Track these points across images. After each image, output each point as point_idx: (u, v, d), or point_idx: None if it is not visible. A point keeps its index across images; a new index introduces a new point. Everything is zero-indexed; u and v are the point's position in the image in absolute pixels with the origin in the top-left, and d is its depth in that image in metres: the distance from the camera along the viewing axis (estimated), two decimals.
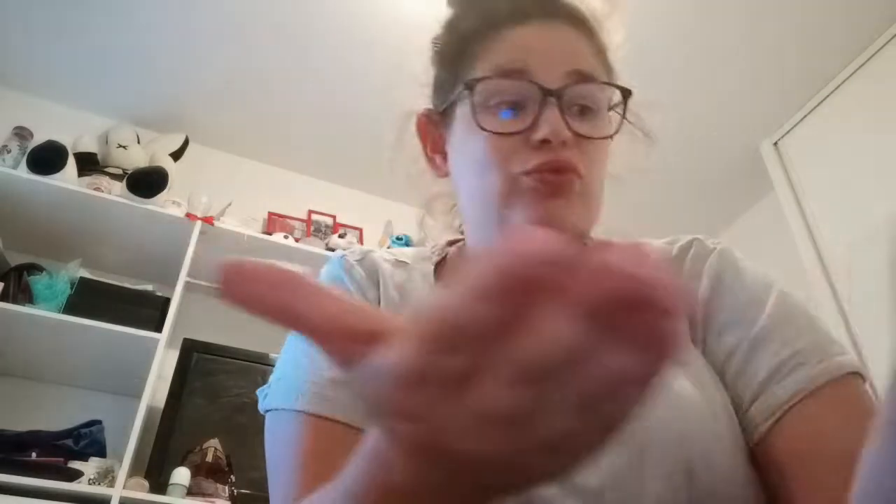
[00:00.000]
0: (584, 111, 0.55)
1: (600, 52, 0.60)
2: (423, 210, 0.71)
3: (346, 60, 2.35)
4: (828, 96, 2.29)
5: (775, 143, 2.47)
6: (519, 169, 0.53)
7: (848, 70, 2.22)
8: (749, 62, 2.27)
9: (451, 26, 0.63)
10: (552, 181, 0.52)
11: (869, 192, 2.07)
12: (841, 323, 2.05)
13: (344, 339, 0.23)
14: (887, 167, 2.03)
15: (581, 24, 0.59)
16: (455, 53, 0.60)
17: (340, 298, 0.24)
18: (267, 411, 0.54)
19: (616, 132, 0.57)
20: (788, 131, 2.43)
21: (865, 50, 2.17)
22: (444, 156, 0.62)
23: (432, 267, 0.62)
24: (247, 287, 0.23)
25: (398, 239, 2.54)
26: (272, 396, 0.54)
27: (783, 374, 0.48)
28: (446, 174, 0.62)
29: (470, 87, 0.55)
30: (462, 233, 0.67)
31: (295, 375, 0.53)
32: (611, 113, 0.59)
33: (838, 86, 2.26)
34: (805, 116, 2.37)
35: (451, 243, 0.67)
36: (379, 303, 0.58)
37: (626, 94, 0.58)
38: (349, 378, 0.24)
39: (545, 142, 0.52)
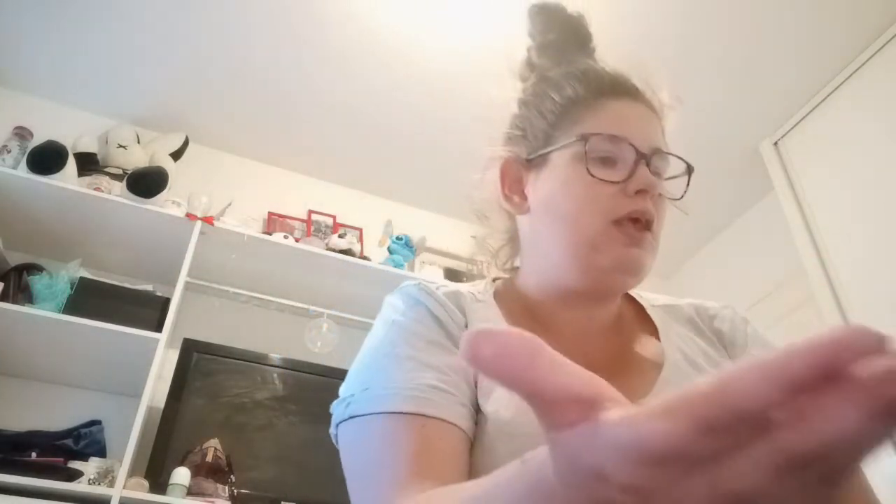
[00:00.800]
0: (660, 178, 0.67)
1: (664, 133, 0.72)
2: (479, 241, 0.80)
3: (347, 60, 2.35)
4: (828, 96, 2.29)
5: (775, 143, 2.48)
6: (612, 215, 0.63)
7: (848, 70, 2.22)
8: (749, 62, 2.27)
9: (550, 85, 0.72)
10: (636, 236, 0.63)
11: (869, 192, 2.07)
12: (842, 322, 2.05)
13: (568, 403, 0.24)
14: (887, 167, 2.03)
15: (655, 109, 0.72)
16: (559, 112, 0.70)
17: (567, 366, 0.25)
18: (351, 418, 0.56)
19: (682, 197, 0.69)
20: (788, 131, 2.43)
21: (865, 50, 2.17)
22: (523, 196, 0.71)
23: (494, 303, 0.70)
24: (494, 359, 0.24)
25: (398, 239, 2.54)
26: (359, 404, 0.56)
27: None
28: (525, 212, 0.71)
29: (585, 138, 0.65)
30: (505, 271, 0.77)
31: (383, 385, 0.56)
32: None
33: (838, 86, 2.26)
34: (805, 116, 2.37)
35: (496, 279, 0.75)
36: (465, 326, 0.64)
37: (691, 169, 0.72)
38: (559, 439, 0.24)
39: (640, 192, 0.63)
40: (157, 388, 1.93)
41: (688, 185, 0.71)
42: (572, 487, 0.24)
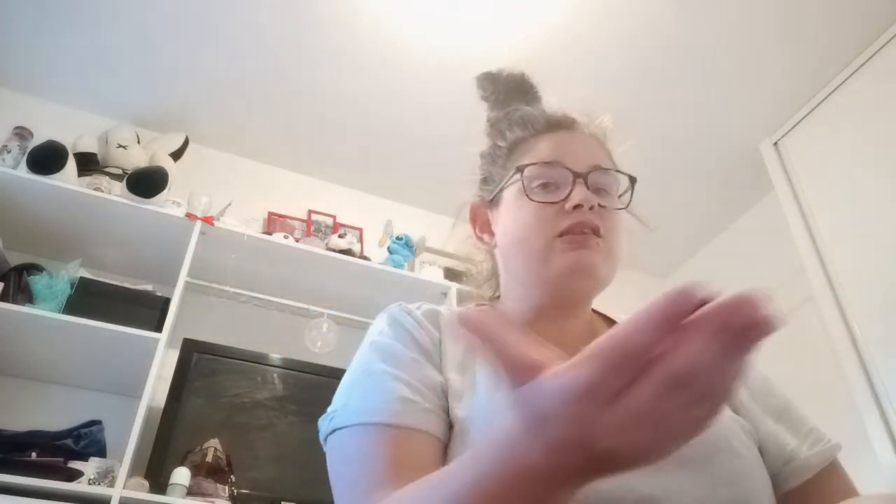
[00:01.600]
0: (601, 192, 0.72)
1: (609, 154, 0.78)
2: (466, 278, 0.93)
3: (346, 60, 2.35)
4: (828, 96, 2.29)
5: (775, 143, 2.48)
6: (554, 232, 0.69)
7: (848, 70, 2.22)
8: (749, 62, 2.27)
9: (497, 135, 0.82)
10: (578, 239, 0.69)
11: (869, 192, 2.07)
12: (842, 322, 2.05)
13: (523, 367, 0.34)
14: (887, 167, 2.03)
15: (596, 135, 0.79)
16: (504, 155, 0.79)
17: (527, 341, 0.35)
18: (334, 431, 0.61)
19: (627, 206, 0.75)
20: (788, 131, 2.43)
21: (865, 50, 2.17)
22: (491, 234, 0.80)
23: None
24: (482, 327, 0.36)
25: (398, 239, 2.53)
26: (339, 419, 0.61)
27: (813, 443, 0.67)
28: (494, 246, 0.80)
29: (520, 170, 0.74)
30: (488, 299, 0.85)
31: (364, 400, 0.61)
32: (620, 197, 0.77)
33: (838, 86, 2.26)
34: (805, 116, 2.37)
35: (478, 305, 0.83)
36: (440, 342, 0.69)
37: (633, 180, 0.76)
38: (519, 394, 0.34)
39: (577, 207, 0.69)
40: (157, 388, 1.92)
41: (631, 195, 0.76)
42: (530, 432, 0.34)
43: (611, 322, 0.79)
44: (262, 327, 2.35)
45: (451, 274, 2.53)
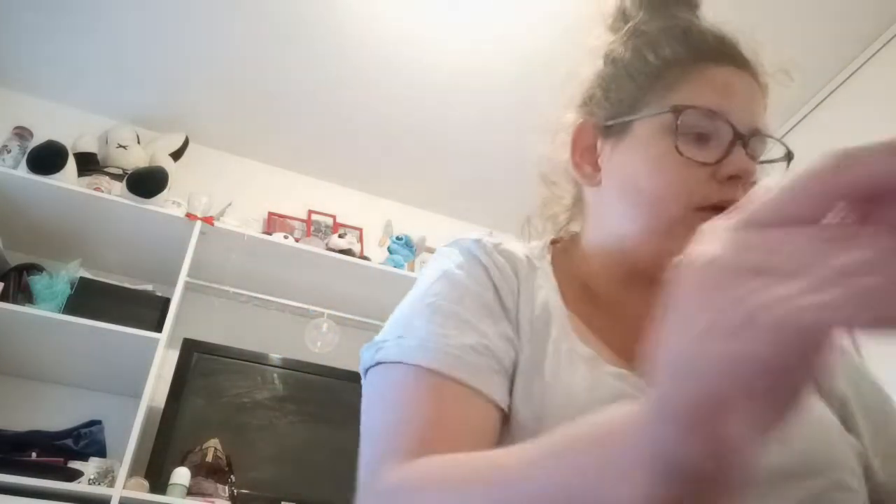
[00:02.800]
0: (758, 163, 0.59)
1: (766, 109, 0.63)
2: (536, 211, 0.72)
3: (347, 60, 2.35)
4: (828, 96, 2.29)
5: None
6: (697, 202, 0.55)
7: (848, 70, 2.22)
8: None
9: (647, 43, 0.63)
10: None
11: None
12: None
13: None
14: None
15: (761, 84, 0.64)
16: (652, 74, 0.61)
17: None
18: (378, 364, 0.51)
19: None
20: (788, 131, 2.43)
21: (865, 50, 2.17)
22: (596, 168, 0.63)
23: (550, 272, 0.62)
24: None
25: (398, 239, 2.54)
26: (388, 351, 0.51)
27: None
28: (597, 184, 0.63)
29: (678, 111, 0.57)
30: (565, 234, 0.69)
31: (419, 336, 0.51)
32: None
33: (838, 86, 2.26)
34: (805, 116, 2.37)
35: (553, 242, 0.67)
36: (518, 293, 0.58)
37: (791, 156, 0.62)
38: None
39: (732, 178, 0.55)
40: (157, 388, 1.92)
41: (787, 169, 0.61)
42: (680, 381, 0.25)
43: None
44: (262, 327, 2.35)
45: None
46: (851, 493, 0.48)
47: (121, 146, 2.40)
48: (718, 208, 0.52)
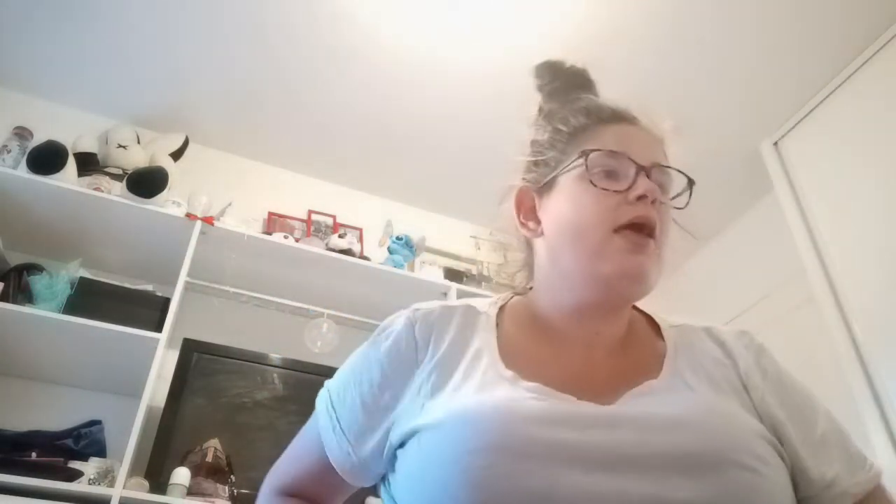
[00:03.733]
0: (663, 189, 0.72)
1: (665, 156, 0.76)
2: (499, 265, 0.91)
3: (347, 60, 2.35)
4: (828, 96, 2.29)
5: (775, 143, 2.47)
6: (615, 224, 0.67)
7: (848, 70, 2.22)
8: (749, 62, 2.27)
9: (557, 120, 0.78)
10: (637, 241, 0.67)
11: (869, 192, 2.07)
12: (842, 322, 2.05)
13: None
14: (887, 167, 2.03)
15: (655, 134, 0.77)
16: (565, 140, 0.76)
17: None
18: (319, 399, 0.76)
19: (685, 206, 0.75)
20: (788, 131, 2.43)
21: (866, 50, 2.17)
22: (537, 221, 0.76)
23: (496, 312, 0.75)
24: None
25: (398, 239, 2.53)
26: (321, 399, 0.76)
27: (853, 470, 0.66)
28: (539, 234, 0.76)
29: (585, 154, 0.71)
30: (522, 291, 0.81)
31: (337, 404, 0.73)
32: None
33: (838, 86, 2.26)
34: (805, 116, 2.37)
35: (514, 294, 0.80)
36: (441, 343, 0.70)
37: (692, 182, 0.76)
38: None
39: (640, 198, 0.67)
40: (157, 388, 1.92)
41: (689, 197, 0.75)
42: None
43: (651, 321, 0.77)
44: (262, 327, 2.35)
45: (451, 274, 2.53)
46: (753, 473, 0.56)
47: (121, 146, 2.40)
48: (632, 226, 0.66)
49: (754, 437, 0.60)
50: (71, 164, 2.11)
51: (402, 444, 0.64)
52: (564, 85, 0.84)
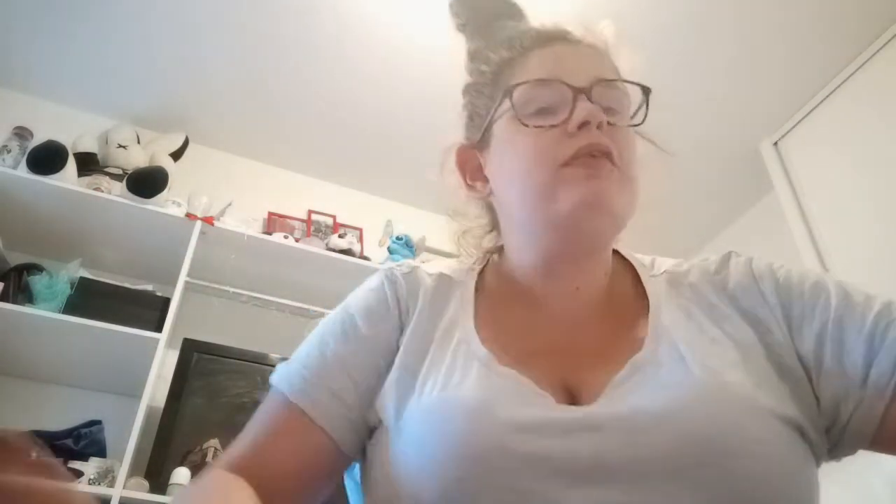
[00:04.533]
0: (610, 111, 0.61)
1: (615, 68, 0.67)
2: (459, 234, 0.78)
3: (347, 60, 2.35)
4: (828, 96, 2.29)
5: (775, 143, 2.47)
6: (561, 159, 0.58)
7: (848, 70, 2.22)
8: (749, 62, 2.27)
9: (480, 60, 0.70)
10: (590, 164, 0.58)
11: (869, 192, 2.07)
12: None
13: None
14: (887, 167, 2.03)
15: (597, 47, 0.67)
16: (489, 82, 0.67)
17: None
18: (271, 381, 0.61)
19: (643, 122, 0.63)
20: (788, 131, 2.43)
21: (866, 50, 2.17)
22: (485, 180, 0.68)
23: (474, 279, 0.67)
24: None
25: (398, 239, 2.53)
26: (279, 371, 0.62)
27: (879, 339, 0.53)
28: (489, 194, 0.68)
29: (509, 92, 0.62)
30: (490, 252, 0.73)
31: (297, 368, 0.60)
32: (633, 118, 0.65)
33: (838, 86, 2.26)
34: (805, 116, 2.37)
35: (492, 252, 0.72)
36: (414, 313, 0.63)
37: (647, 91, 0.64)
38: None
39: (583, 126, 0.58)
40: (157, 388, 1.92)
41: (646, 110, 0.64)
42: None
43: (633, 270, 0.67)
44: (262, 327, 2.35)
45: None
46: (753, 460, 0.47)
47: (121, 146, 2.40)
48: (579, 156, 0.58)
49: (759, 418, 0.49)
50: (71, 164, 2.11)
51: (370, 434, 0.58)
52: (485, 19, 0.75)
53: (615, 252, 0.68)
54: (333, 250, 2.34)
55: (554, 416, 0.51)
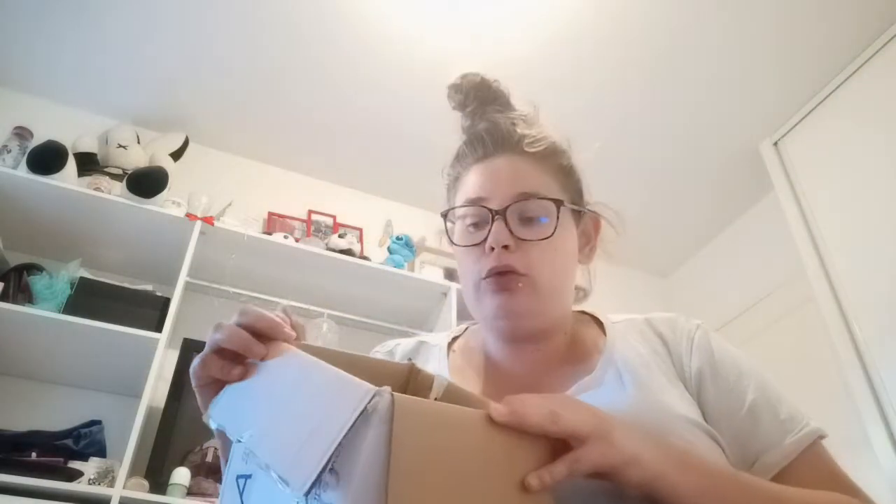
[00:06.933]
0: (529, 221, 0.71)
1: (552, 172, 0.75)
2: None
3: (347, 60, 2.35)
4: (828, 96, 2.29)
5: (775, 143, 2.48)
6: (481, 274, 0.70)
7: (848, 70, 2.22)
8: (749, 62, 2.27)
9: (450, 169, 0.82)
10: (498, 282, 0.69)
11: (869, 192, 2.07)
12: (842, 322, 2.05)
13: None
14: (887, 167, 2.03)
15: (530, 154, 0.75)
16: (451, 188, 0.81)
17: None
18: None
19: (552, 234, 0.70)
20: (788, 131, 2.43)
21: (865, 50, 2.17)
22: None
23: (446, 343, 0.80)
24: None
25: (398, 239, 2.53)
26: None
27: (777, 440, 0.64)
28: None
29: (443, 216, 0.77)
30: None
31: None
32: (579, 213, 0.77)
33: (838, 86, 2.26)
34: (805, 116, 2.37)
35: (468, 326, 0.85)
36: None
37: (558, 203, 0.72)
38: None
39: (492, 248, 0.68)
40: (157, 388, 1.92)
41: (557, 221, 0.71)
42: None
43: (598, 323, 0.77)
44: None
45: (451, 274, 2.53)
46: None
47: (121, 146, 2.40)
48: (490, 275, 0.69)
49: (683, 424, 0.61)
50: (71, 164, 2.11)
51: None
52: (472, 103, 0.84)
53: (586, 313, 0.80)
54: (333, 250, 2.34)
55: None
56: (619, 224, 0.80)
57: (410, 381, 0.59)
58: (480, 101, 0.82)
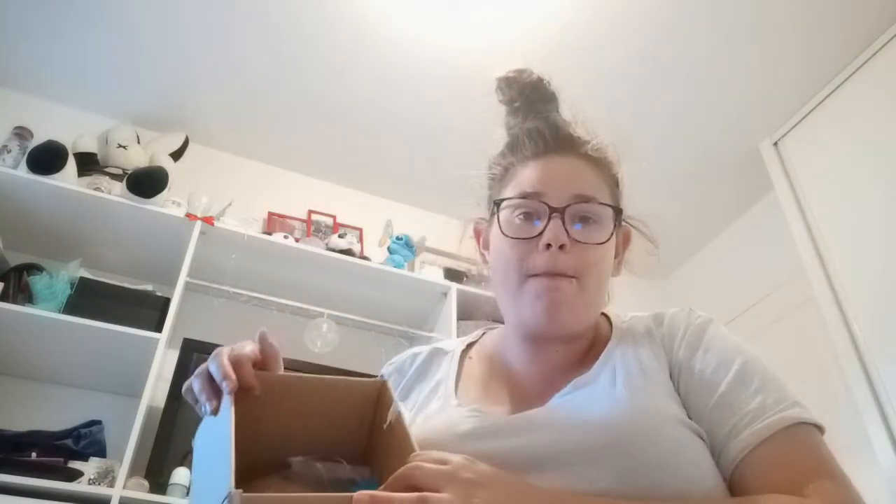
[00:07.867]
0: (586, 221, 0.71)
1: (606, 179, 0.76)
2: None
3: (347, 60, 2.35)
4: (828, 96, 2.29)
5: (775, 143, 2.48)
6: (527, 271, 0.70)
7: (848, 70, 2.22)
8: (749, 62, 2.27)
9: (500, 159, 0.81)
10: (545, 285, 0.69)
11: (869, 192, 2.07)
12: (842, 322, 2.05)
13: None
14: (887, 166, 2.03)
15: (590, 158, 0.76)
16: (498, 179, 0.80)
17: None
18: None
19: (608, 240, 0.72)
20: (788, 131, 2.43)
21: (865, 50, 2.17)
22: (489, 249, 0.80)
23: (461, 349, 0.82)
24: None
25: (398, 239, 2.53)
26: None
27: (738, 431, 0.62)
28: (488, 263, 0.80)
29: (497, 204, 0.75)
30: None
31: None
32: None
33: (838, 86, 2.26)
34: (805, 116, 2.37)
35: (490, 328, 0.86)
36: (412, 380, 0.81)
37: (618, 212, 0.75)
38: None
39: (548, 246, 0.68)
40: (157, 388, 1.92)
41: (614, 227, 0.73)
42: None
43: (611, 322, 0.78)
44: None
45: (451, 274, 2.52)
46: (663, 450, 0.58)
47: (121, 146, 2.40)
48: (541, 274, 0.69)
49: (669, 422, 0.61)
50: (71, 164, 2.11)
51: None
52: (520, 100, 0.84)
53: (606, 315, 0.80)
54: (333, 250, 2.34)
55: (502, 421, 0.66)
56: (654, 241, 0.82)
57: (380, 399, 0.63)
58: (533, 99, 0.83)
